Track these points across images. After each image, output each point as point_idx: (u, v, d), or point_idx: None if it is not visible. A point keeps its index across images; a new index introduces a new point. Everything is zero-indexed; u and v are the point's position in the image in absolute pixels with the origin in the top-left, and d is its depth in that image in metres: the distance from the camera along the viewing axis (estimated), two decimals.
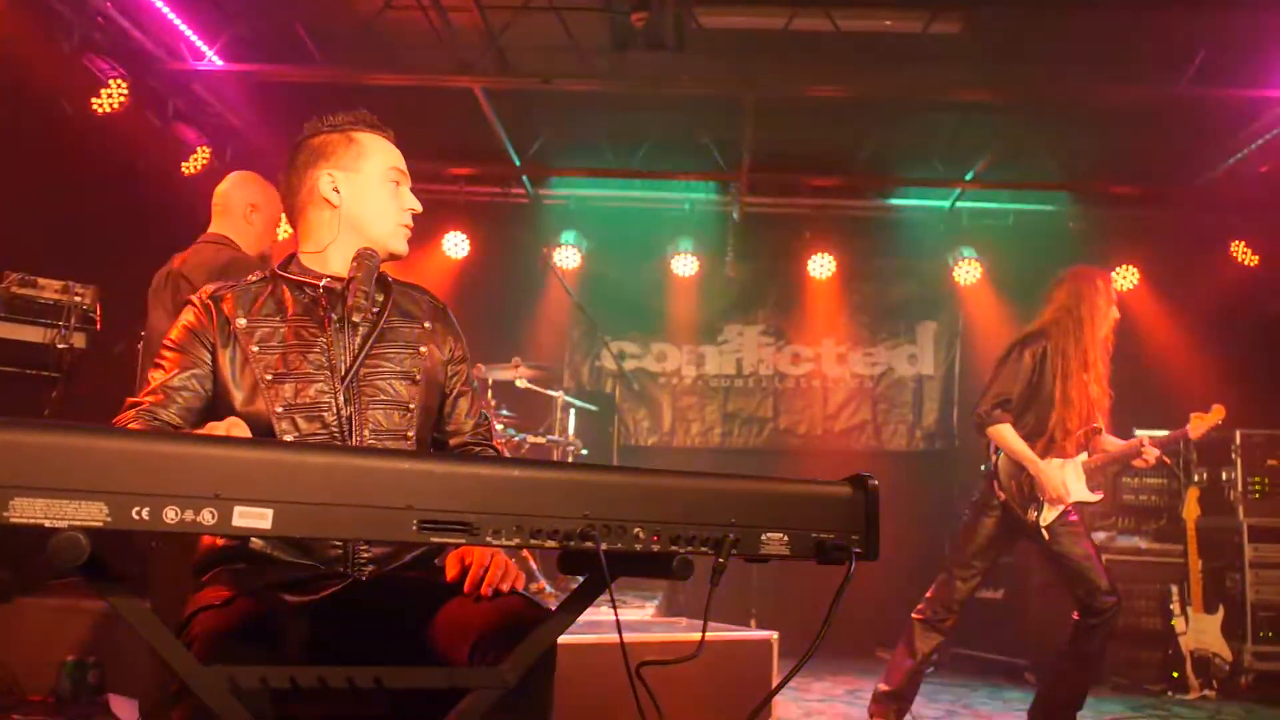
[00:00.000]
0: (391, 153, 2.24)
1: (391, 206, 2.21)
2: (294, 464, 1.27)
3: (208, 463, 1.23)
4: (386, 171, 2.21)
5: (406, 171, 2.26)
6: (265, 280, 2.20)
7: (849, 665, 6.27)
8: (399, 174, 2.23)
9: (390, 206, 2.21)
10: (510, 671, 1.50)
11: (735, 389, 8.59)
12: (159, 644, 1.31)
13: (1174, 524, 6.50)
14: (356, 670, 1.42)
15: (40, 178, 5.42)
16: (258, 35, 6.28)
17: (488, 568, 1.94)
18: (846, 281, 8.26)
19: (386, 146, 2.24)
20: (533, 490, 1.36)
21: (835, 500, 1.53)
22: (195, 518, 1.21)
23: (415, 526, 1.30)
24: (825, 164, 7.79)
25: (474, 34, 6.15)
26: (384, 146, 2.23)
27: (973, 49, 6.17)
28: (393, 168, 2.22)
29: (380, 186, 2.20)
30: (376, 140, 2.22)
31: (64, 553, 1.15)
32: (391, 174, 2.22)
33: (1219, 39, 5.81)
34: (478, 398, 2.39)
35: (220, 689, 1.33)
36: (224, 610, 1.77)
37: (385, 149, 2.23)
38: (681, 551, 1.42)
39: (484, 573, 1.93)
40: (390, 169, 2.21)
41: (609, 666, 3.70)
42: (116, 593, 1.29)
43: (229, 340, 2.07)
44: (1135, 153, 7.28)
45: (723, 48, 6.29)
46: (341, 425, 2.05)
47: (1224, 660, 6.04)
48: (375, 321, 2.15)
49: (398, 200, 2.22)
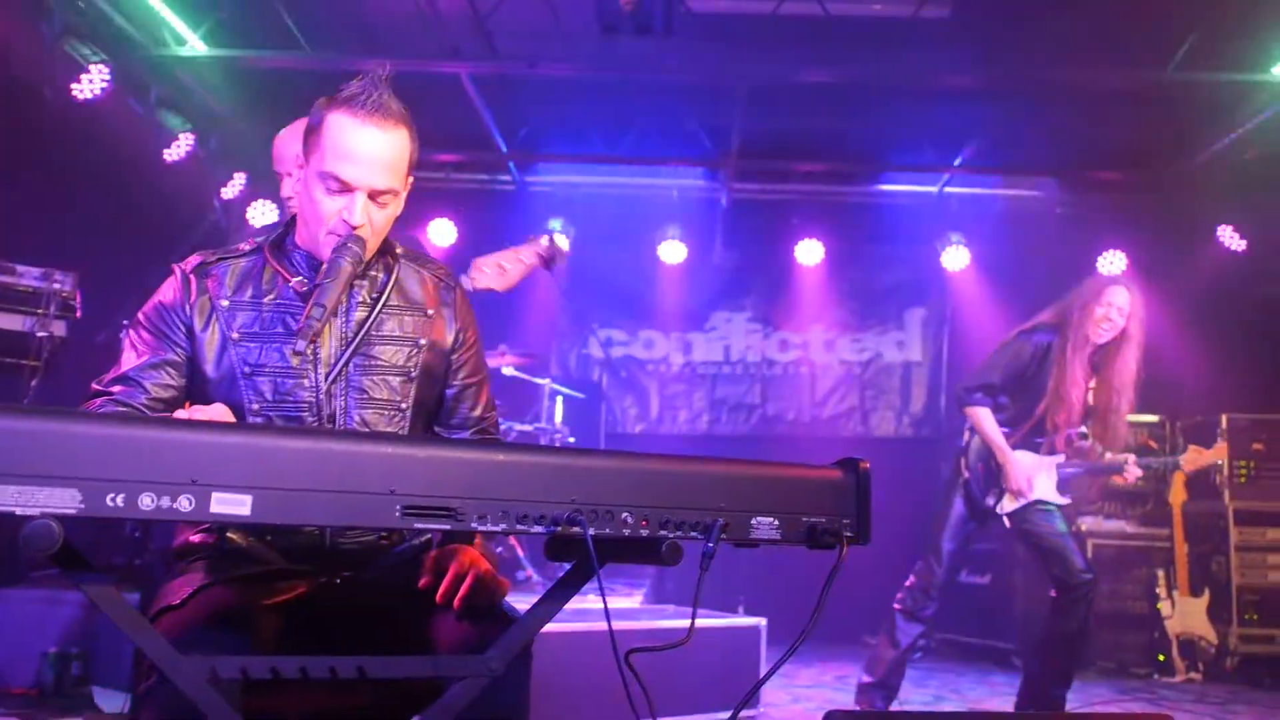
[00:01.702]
0: (342, 149, 1.87)
1: (318, 213, 1.91)
2: (273, 449, 1.24)
3: (184, 448, 1.20)
4: (321, 174, 1.89)
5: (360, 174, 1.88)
6: (256, 255, 2.02)
7: (837, 652, 6.27)
8: (334, 181, 1.88)
9: (316, 213, 1.92)
10: (496, 660, 1.48)
11: (723, 376, 8.58)
12: (135, 634, 1.29)
13: (1160, 508, 6.52)
14: (339, 660, 1.39)
15: (20, 164, 5.36)
16: (241, 21, 6.20)
17: (464, 576, 1.79)
18: (835, 268, 8.25)
19: (343, 139, 1.87)
20: (519, 475, 1.34)
21: (826, 484, 1.52)
22: (172, 504, 1.18)
23: (399, 512, 1.27)
24: (813, 150, 7.75)
25: (460, 19, 6.10)
26: (339, 139, 1.88)
27: (962, 34, 6.14)
28: (328, 172, 1.88)
29: (313, 186, 1.91)
30: (341, 127, 1.88)
31: (37, 540, 1.12)
32: (325, 180, 1.89)
33: (1207, 24, 5.80)
34: (487, 388, 2.18)
35: (199, 680, 1.31)
36: (184, 608, 1.69)
37: (338, 144, 1.88)
38: (671, 536, 1.40)
39: (459, 581, 1.79)
40: (325, 172, 1.88)
41: (595, 653, 3.69)
42: (91, 581, 1.27)
43: (209, 322, 1.92)
44: (1123, 138, 7.27)
45: (711, 32, 6.25)
46: (323, 426, 1.91)
47: (1210, 643, 6.07)
48: (372, 308, 1.98)
49: (329, 204, 1.90)
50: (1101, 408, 4.47)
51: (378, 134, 1.89)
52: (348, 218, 1.89)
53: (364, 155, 1.88)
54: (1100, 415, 4.48)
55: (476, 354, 2.15)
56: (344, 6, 6.10)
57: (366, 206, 1.91)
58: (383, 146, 1.90)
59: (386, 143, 1.91)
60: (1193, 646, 6.06)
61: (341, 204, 1.90)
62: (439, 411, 2.12)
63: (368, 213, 1.92)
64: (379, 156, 1.90)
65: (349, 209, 1.89)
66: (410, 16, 6.12)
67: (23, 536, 1.12)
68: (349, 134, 1.88)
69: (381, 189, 1.92)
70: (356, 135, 1.88)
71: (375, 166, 1.90)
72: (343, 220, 1.90)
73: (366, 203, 1.91)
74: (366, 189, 1.90)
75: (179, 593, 1.70)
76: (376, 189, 1.91)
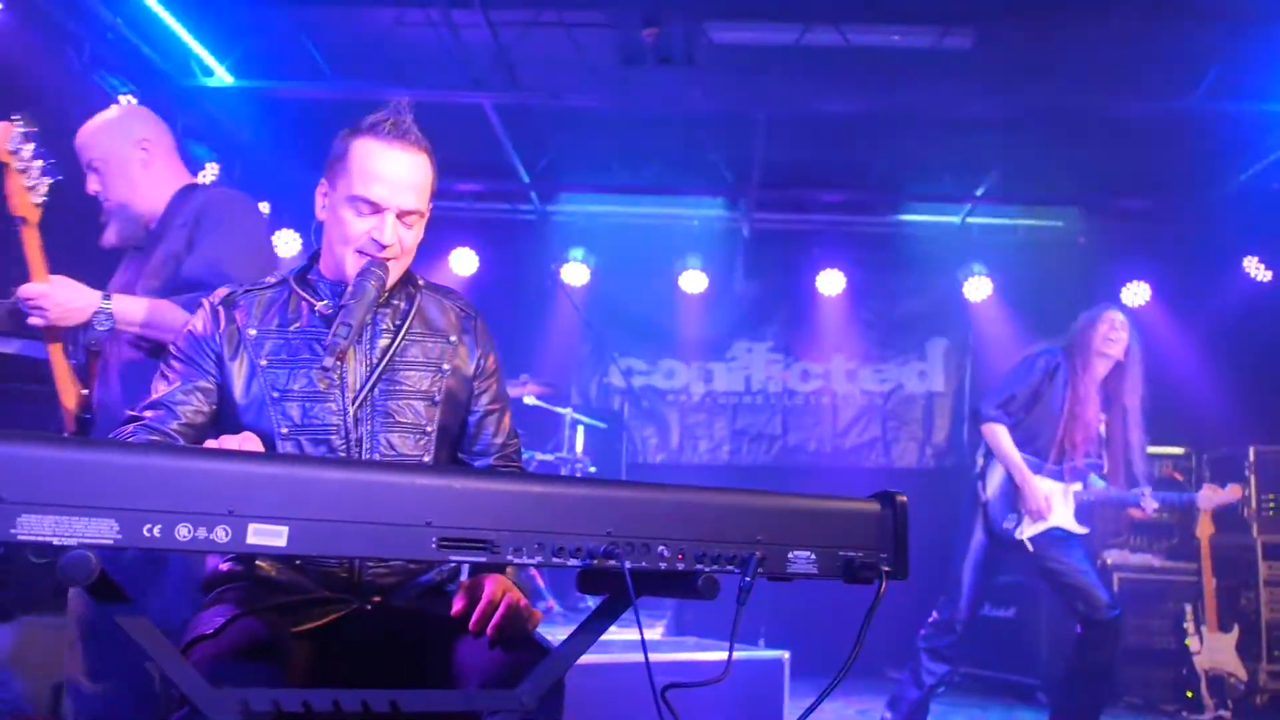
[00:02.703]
0: (370, 172, 1.96)
1: (346, 235, 1.98)
2: (309, 480, 1.23)
3: (221, 479, 1.19)
4: (350, 198, 1.97)
5: (388, 194, 1.96)
6: (282, 286, 2.09)
7: (859, 684, 6.18)
8: (363, 204, 1.96)
9: (344, 236, 1.99)
10: (528, 695, 1.46)
11: (744, 406, 8.54)
12: (169, 666, 1.28)
13: (1187, 542, 6.42)
14: (371, 693, 1.38)
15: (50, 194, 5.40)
16: (267, 52, 6.28)
17: (498, 605, 1.79)
18: (856, 298, 8.22)
19: (370, 163, 1.96)
20: (555, 507, 1.33)
21: (864, 517, 1.50)
22: (209, 535, 1.18)
23: (435, 544, 1.26)
24: (835, 180, 7.76)
25: (483, 50, 6.15)
26: (367, 164, 1.96)
27: (984, 64, 6.14)
28: (357, 195, 1.96)
29: (342, 211, 1.99)
30: (368, 152, 1.97)
31: (74, 571, 1.11)
32: (355, 204, 1.97)
33: (1232, 55, 5.79)
34: (508, 415, 2.22)
35: (232, 712, 1.29)
36: (220, 638, 1.69)
37: (366, 168, 1.96)
38: (707, 570, 1.38)
39: (492, 609, 1.78)
40: (354, 196, 1.96)
41: (619, 686, 3.66)
42: (126, 613, 1.26)
43: (238, 350, 1.98)
44: (1147, 168, 7.25)
45: (732, 63, 6.27)
46: (350, 449, 1.94)
47: (1239, 679, 5.96)
48: (395, 335, 2.04)
49: (358, 225, 1.97)
50: (1114, 438, 4.45)
51: (403, 156, 1.99)
52: (378, 236, 1.97)
53: (391, 176, 1.97)
54: (1114, 446, 4.45)
55: (498, 381, 2.20)
56: (369, 38, 6.16)
57: (395, 227, 1.99)
58: (408, 169, 2.00)
59: (411, 165, 2.01)
60: (1222, 683, 5.95)
61: (371, 224, 1.98)
62: (462, 438, 2.15)
63: (396, 233, 2.00)
64: (405, 178, 1.99)
65: (379, 228, 1.97)
66: (434, 48, 6.17)
67: (60, 567, 1.11)
68: (376, 157, 1.97)
69: (409, 209, 2.00)
70: (383, 158, 1.97)
71: (402, 187, 1.99)
72: (373, 239, 1.98)
73: (395, 223, 1.99)
74: (395, 209, 1.98)
75: (211, 622, 1.70)
76: (404, 209, 2.00)
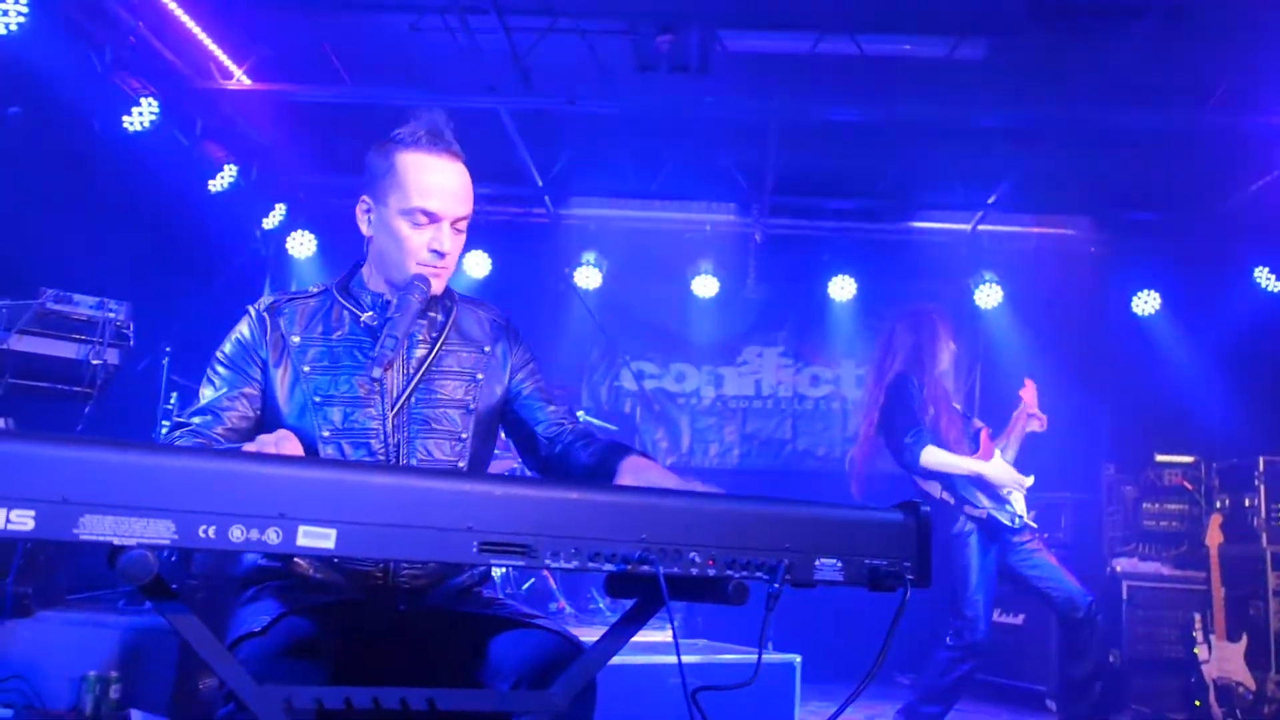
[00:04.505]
0: (423, 185, 2.03)
1: (406, 248, 2.05)
2: (357, 485, 1.27)
3: (273, 483, 1.24)
4: (406, 211, 2.04)
5: (444, 204, 2.04)
6: (324, 295, 2.15)
7: (869, 689, 6.19)
8: (421, 216, 2.03)
9: (404, 249, 2.05)
10: (560, 695, 1.50)
11: (754, 410, 8.58)
12: (216, 663, 1.32)
13: (1196, 550, 6.43)
14: (409, 691, 1.42)
15: (69, 194, 5.47)
16: (286, 55, 6.33)
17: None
18: (867, 304, 8.25)
19: (421, 176, 2.03)
20: (591, 513, 1.37)
21: (888, 527, 1.53)
22: (260, 536, 1.22)
23: (476, 548, 1.30)
24: (847, 187, 7.79)
25: (499, 55, 6.19)
26: (417, 177, 2.03)
27: (996, 75, 6.18)
28: (414, 208, 2.03)
29: (398, 224, 2.05)
30: (416, 165, 2.04)
31: (134, 570, 1.16)
32: (412, 216, 2.03)
33: (1243, 67, 5.81)
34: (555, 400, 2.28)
35: (276, 709, 1.34)
36: (267, 636, 1.74)
37: (417, 181, 2.03)
38: (737, 576, 1.42)
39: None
40: (410, 209, 2.03)
41: (633, 687, 3.70)
42: (175, 611, 1.30)
43: (282, 357, 2.04)
44: (1158, 179, 7.27)
45: (747, 71, 6.31)
46: (389, 453, 2.00)
47: (1247, 689, 5.97)
48: (432, 346, 2.11)
49: (417, 238, 2.05)
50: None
51: (450, 166, 2.08)
52: (438, 247, 2.05)
53: (444, 187, 2.06)
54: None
55: (534, 369, 2.27)
56: (386, 42, 6.21)
57: (451, 235, 2.09)
58: (455, 178, 2.09)
59: (458, 173, 2.10)
60: (1230, 692, 5.96)
61: (428, 235, 2.06)
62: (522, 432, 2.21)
63: (453, 241, 2.10)
64: (456, 187, 2.08)
65: (437, 238, 2.06)
66: (451, 53, 6.22)
67: (119, 566, 1.16)
68: (427, 170, 2.05)
69: (462, 215, 2.10)
70: (433, 169, 2.06)
71: (454, 196, 2.08)
72: (432, 250, 2.06)
73: (451, 232, 2.09)
74: (450, 218, 2.07)
75: (258, 620, 1.76)
76: (459, 215, 2.09)
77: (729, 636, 5.37)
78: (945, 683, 4.41)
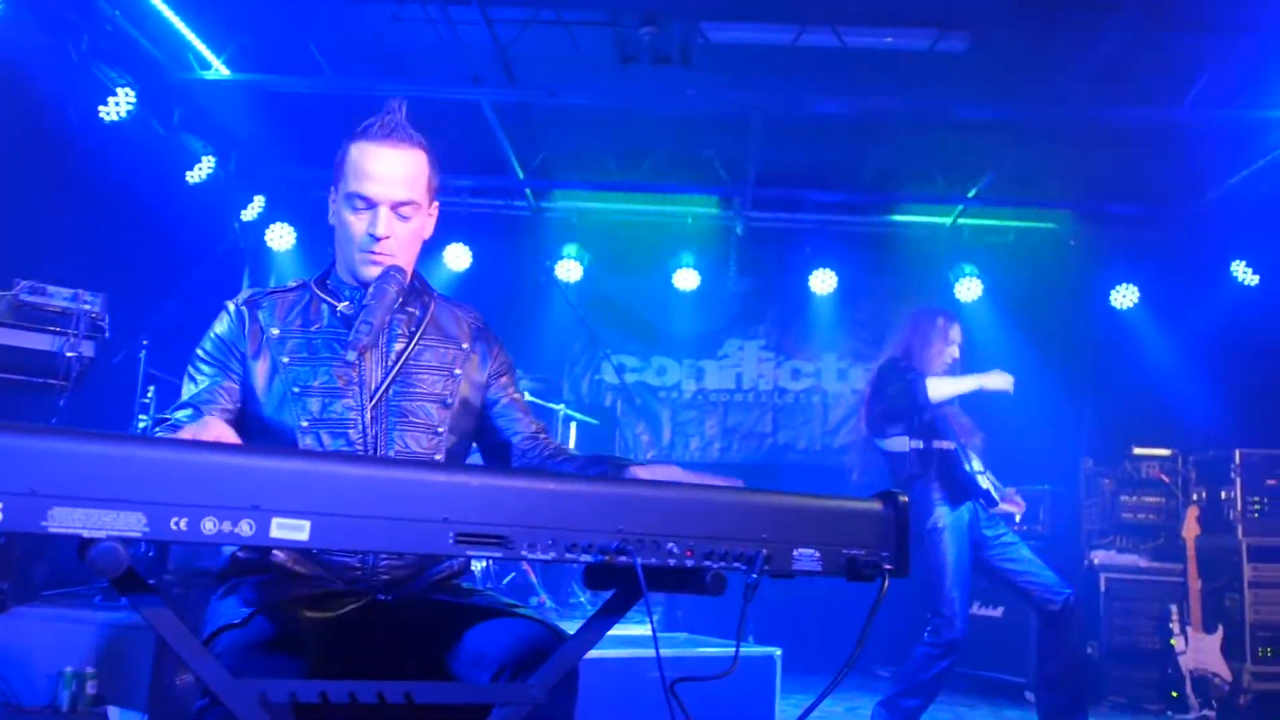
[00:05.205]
0: (360, 170, 2.06)
1: (348, 234, 2.09)
2: (331, 476, 1.26)
3: (246, 474, 1.22)
4: (347, 197, 2.08)
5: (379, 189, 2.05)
6: (303, 289, 2.18)
7: (848, 681, 6.21)
8: (359, 201, 2.06)
9: (347, 235, 2.09)
10: (539, 689, 1.49)
11: (735, 404, 8.59)
12: (191, 657, 1.31)
13: (1173, 543, 6.49)
14: (386, 685, 1.41)
15: (44, 184, 5.42)
16: (265, 46, 6.28)
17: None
18: (848, 297, 8.27)
19: (362, 163, 2.06)
20: (568, 504, 1.36)
21: (866, 516, 1.53)
22: (233, 529, 1.20)
23: (452, 539, 1.29)
24: (828, 180, 7.81)
25: (481, 47, 6.16)
26: (359, 164, 2.06)
27: (978, 68, 6.19)
28: (352, 193, 2.06)
29: (343, 211, 2.10)
30: (360, 153, 2.07)
31: (104, 563, 1.14)
32: (351, 201, 2.07)
33: (1222, 61, 5.84)
34: (529, 410, 2.30)
35: (252, 703, 1.32)
36: (245, 628, 1.73)
37: (357, 167, 2.06)
38: (715, 567, 1.42)
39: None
40: (350, 194, 2.07)
41: (614, 680, 3.70)
42: (149, 604, 1.28)
43: (261, 349, 2.06)
44: (1137, 172, 7.31)
45: (728, 63, 6.31)
46: (367, 444, 2.02)
47: (1223, 680, 6.03)
48: (410, 340, 2.12)
49: (356, 223, 2.07)
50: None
51: (393, 153, 2.08)
52: (373, 230, 2.06)
53: (381, 173, 2.07)
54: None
55: (513, 378, 2.30)
56: (366, 33, 6.17)
57: (389, 219, 2.08)
58: (398, 164, 2.09)
59: (401, 160, 2.09)
60: (1206, 683, 6.02)
61: (366, 220, 2.07)
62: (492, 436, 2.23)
63: (391, 226, 2.08)
64: (395, 173, 2.08)
65: (373, 222, 2.07)
66: (432, 43, 6.19)
67: (90, 559, 1.14)
68: (368, 157, 2.07)
69: (401, 200, 2.08)
70: (374, 156, 2.07)
71: (393, 181, 2.07)
72: (369, 234, 2.07)
73: (389, 216, 2.08)
74: (387, 202, 2.07)
75: (237, 613, 1.75)
76: (397, 200, 2.08)
77: (710, 630, 5.38)
78: (924, 678, 4.43)
